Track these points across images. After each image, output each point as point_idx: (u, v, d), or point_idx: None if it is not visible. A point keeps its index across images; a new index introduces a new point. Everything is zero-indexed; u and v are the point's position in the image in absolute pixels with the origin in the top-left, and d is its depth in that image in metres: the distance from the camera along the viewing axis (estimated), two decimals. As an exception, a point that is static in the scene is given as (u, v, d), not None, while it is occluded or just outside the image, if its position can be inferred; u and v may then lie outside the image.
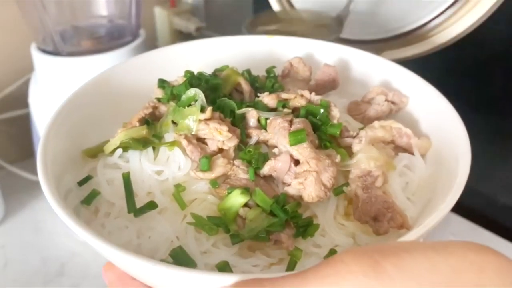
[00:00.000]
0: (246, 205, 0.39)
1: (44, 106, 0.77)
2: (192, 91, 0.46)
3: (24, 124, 0.87)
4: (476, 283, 0.24)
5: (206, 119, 0.43)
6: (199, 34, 1.02)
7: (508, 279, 0.25)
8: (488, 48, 0.71)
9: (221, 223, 0.39)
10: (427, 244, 0.26)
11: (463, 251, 0.25)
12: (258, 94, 0.50)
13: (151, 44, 1.01)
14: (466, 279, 0.24)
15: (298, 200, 0.41)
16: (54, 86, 0.76)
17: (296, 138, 0.42)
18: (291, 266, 0.38)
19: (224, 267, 0.36)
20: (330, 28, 0.74)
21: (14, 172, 0.90)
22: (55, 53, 0.75)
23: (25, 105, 0.82)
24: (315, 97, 0.49)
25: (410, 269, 0.24)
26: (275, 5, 0.76)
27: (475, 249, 0.26)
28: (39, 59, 0.76)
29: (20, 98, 0.86)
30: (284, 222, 0.39)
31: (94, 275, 0.75)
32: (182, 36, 1.06)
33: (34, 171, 0.89)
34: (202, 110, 0.44)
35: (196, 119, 0.44)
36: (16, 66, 0.89)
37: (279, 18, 0.81)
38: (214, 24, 1.04)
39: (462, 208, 0.77)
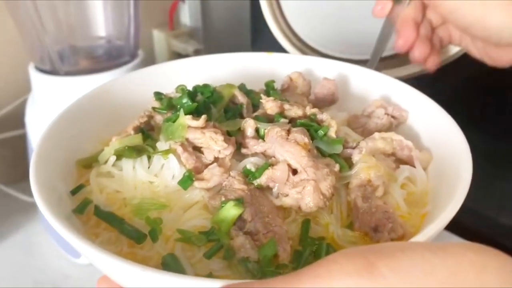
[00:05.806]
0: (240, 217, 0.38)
1: (41, 125, 0.76)
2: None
3: (19, 146, 0.86)
4: (475, 284, 0.23)
5: (201, 128, 0.43)
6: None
7: (509, 279, 0.24)
8: (483, 67, 0.71)
9: (214, 237, 0.37)
10: (424, 246, 0.25)
11: (462, 251, 0.24)
12: (262, 95, 0.49)
13: (149, 65, 1.01)
14: (465, 280, 0.23)
15: (296, 210, 0.40)
16: (52, 106, 0.75)
17: None
18: None
19: None
20: None
21: (9, 194, 0.88)
22: (53, 72, 0.75)
23: (21, 126, 0.82)
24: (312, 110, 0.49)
25: (406, 270, 0.23)
26: (271, 24, 0.76)
27: (474, 249, 0.25)
28: (37, 78, 0.75)
29: (15, 119, 0.85)
30: None
31: (87, 297, 0.73)
32: (180, 58, 1.06)
33: (29, 192, 0.88)
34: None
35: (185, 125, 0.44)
36: (13, 87, 0.89)
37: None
38: (212, 46, 1.04)
39: (462, 229, 0.76)
